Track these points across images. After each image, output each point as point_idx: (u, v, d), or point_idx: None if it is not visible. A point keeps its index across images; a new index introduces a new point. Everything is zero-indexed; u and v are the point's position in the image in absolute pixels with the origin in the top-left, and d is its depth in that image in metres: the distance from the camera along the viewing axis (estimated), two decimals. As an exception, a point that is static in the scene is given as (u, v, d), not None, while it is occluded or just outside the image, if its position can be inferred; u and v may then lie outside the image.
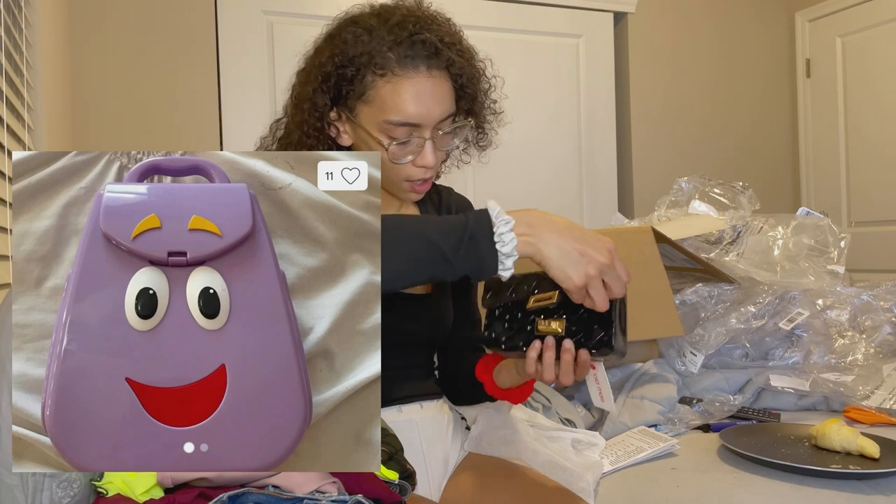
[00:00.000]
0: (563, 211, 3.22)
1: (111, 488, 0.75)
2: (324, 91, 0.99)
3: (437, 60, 0.98)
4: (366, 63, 0.96)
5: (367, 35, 0.97)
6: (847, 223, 3.49)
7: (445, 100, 1.00)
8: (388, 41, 0.96)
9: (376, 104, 0.97)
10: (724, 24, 3.56)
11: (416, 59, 0.96)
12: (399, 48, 0.96)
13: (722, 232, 1.90)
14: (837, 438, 1.18)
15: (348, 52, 0.97)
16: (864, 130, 3.41)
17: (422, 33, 0.97)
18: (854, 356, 1.61)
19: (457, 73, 1.01)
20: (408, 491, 0.88)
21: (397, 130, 0.97)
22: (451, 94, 1.01)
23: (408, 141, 0.98)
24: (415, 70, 0.96)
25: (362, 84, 0.97)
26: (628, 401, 1.49)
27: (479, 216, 0.83)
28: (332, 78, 0.98)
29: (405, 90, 0.96)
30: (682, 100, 3.48)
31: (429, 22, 1.00)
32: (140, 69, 2.59)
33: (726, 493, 1.10)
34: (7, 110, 1.29)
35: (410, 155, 1.00)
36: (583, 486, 1.05)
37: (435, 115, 0.98)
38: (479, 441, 1.12)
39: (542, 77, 3.19)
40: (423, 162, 1.00)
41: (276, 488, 0.74)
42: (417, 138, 0.99)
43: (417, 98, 0.96)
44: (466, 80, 1.03)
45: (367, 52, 0.96)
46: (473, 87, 1.05)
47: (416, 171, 1.01)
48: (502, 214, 0.82)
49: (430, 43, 0.97)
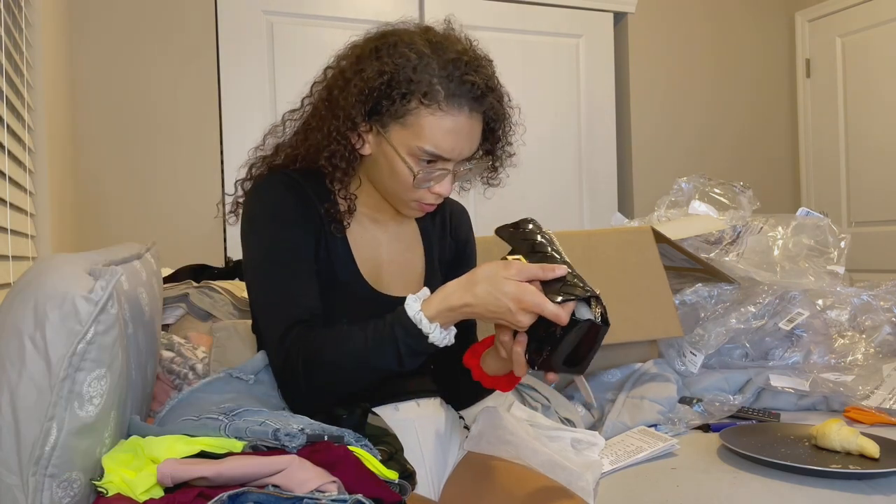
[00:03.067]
0: (563, 211, 3.24)
1: (111, 488, 0.74)
2: (363, 103, 1.01)
3: (480, 105, 1.01)
4: (414, 90, 0.98)
5: (420, 62, 0.99)
6: (847, 223, 3.49)
7: (476, 140, 1.04)
8: (439, 75, 0.99)
9: (413, 129, 0.99)
10: (723, 25, 3.56)
11: (462, 98, 0.99)
12: (449, 84, 0.99)
13: (722, 232, 1.90)
14: (837, 438, 1.18)
15: (398, 74, 0.99)
16: (864, 130, 3.41)
17: (472, 75, 1.00)
18: (854, 356, 1.61)
19: (491, 117, 1.05)
20: (407, 490, 0.88)
21: (426, 157, 1.00)
22: (479, 135, 1.05)
23: (432, 171, 1.02)
24: (459, 109, 0.99)
25: (405, 107, 0.99)
26: (628, 401, 1.49)
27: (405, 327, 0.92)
28: (376, 93, 1.00)
29: (446, 125, 0.99)
30: (682, 100, 3.48)
31: (477, 64, 1.03)
32: (140, 69, 2.60)
33: (726, 493, 1.10)
34: (7, 110, 1.29)
35: (432, 182, 1.03)
36: (582, 486, 1.05)
37: (465, 154, 1.03)
38: (479, 440, 1.12)
39: (542, 77, 3.19)
40: (440, 190, 1.04)
41: (275, 487, 0.74)
42: (441, 169, 1.02)
43: (455, 135, 1.00)
44: (496, 124, 1.07)
45: (418, 80, 0.98)
46: (498, 133, 1.09)
47: (430, 196, 1.05)
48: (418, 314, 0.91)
49: (478, 86, 1.00)
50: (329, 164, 1.04)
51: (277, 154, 1.13)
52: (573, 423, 1.39)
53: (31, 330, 0.71)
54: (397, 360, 0.94)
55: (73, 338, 0.71)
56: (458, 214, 1.25)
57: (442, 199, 1.07)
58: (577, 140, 3.28)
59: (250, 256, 1.05)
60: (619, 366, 1.62)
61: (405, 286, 1.12)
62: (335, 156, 1.04)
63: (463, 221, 1.25)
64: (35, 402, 0.70)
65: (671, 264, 1.82)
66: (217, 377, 1.02)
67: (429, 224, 1.20)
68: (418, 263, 1.16)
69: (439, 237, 1.20)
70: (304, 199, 1.05)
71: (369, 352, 0.94)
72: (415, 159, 1.01)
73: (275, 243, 1.03)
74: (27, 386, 0.70)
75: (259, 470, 0.75)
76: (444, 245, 1.21)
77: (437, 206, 1.10)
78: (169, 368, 1.37)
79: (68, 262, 0.78)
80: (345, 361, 0.95)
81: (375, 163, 1.05)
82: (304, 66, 2.63)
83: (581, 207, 3.29)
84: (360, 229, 1.11)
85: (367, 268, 1.09)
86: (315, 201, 1.06)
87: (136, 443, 0.80)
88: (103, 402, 0.75)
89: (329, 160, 1.04)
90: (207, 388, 0.99)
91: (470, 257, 1.24)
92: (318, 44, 2.78)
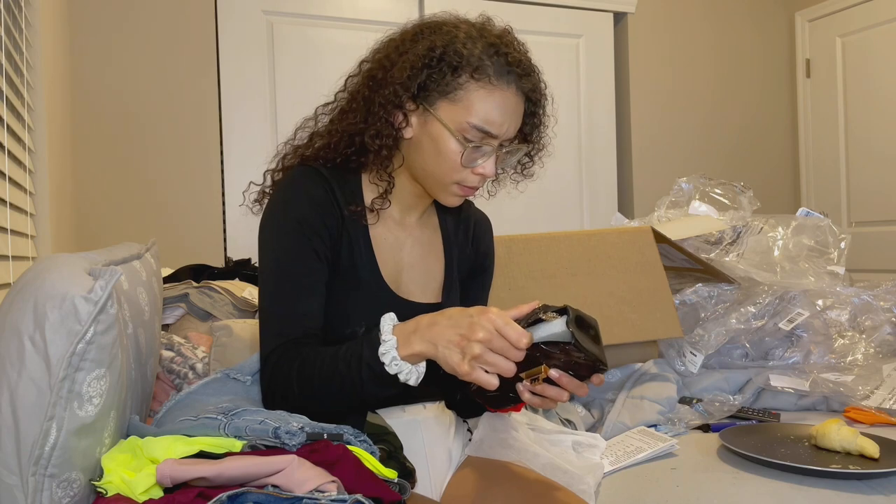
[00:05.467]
0: (563, 211, 3.24)
1: (111, 488, 0.74)
2: (412, 78, 1.00)
3: (526, 83, 1.03)
4: (465, 64, 0.99)
5: (469, 40, 1.00)
6: (847, 223, 3.49)
7: (519, 120, 1.05)
8: (489, 51, 1.00)
9: (462, 105, 0.99)
10: (723, 25, 3.56)
11: (510, 74, 1.00)
12: (498, 59, 1.00)
13: (722, 232, 1.90)
14: (837, 438, 1.18)
15: (449, 48, 0.99)
16: (864, 130, 3.41)
17: (516, 53, 1.02)
18: (854, 356, 1.61)
19: (534, 99, 1.06)
20: (407, 490, 0.88)
21: (474, 135, 1.00)
22: (522, 115, 1.06)
23: (479, 147, 1.01)
24: (507, 84, 1.00)
25: (455, 82, 0.99)
26: (628, 401, 1.48)
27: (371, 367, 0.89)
28: (426, 69, 1.00)
29: (496, 99, 0.99)
30: (682, 100, 3.48)
31: (521, 46, 1.05)
32: (140, 69, 2.60)
33: (726, 493, 1.09)
34: (7, 110, 1.29)
35: (478, 161, 1.03)
36: (583, 489, 1.06)
37: (511, 131, 1.03)
38: (481, 445, 1.12)
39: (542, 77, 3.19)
40: (485, 170, 1.03)
41: (275, 488, 0.74)
42: (487, 147, 1.02)
43: (504, 110, 1.00)
44: (536, 108, 1.08)
45: (468, 55, 0.99)
46: (538, 118, 1.10)
47: (472, 178, 1.04)
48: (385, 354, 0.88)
49: (524, 64, 1.02)
50: (374, 144, 1.03)
51: (311, 143, 1.12)
52: (573, 424, 1.39)
53: (30, 330, 0.71)
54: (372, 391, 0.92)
55: (72, 338, 0.71)
56: (482, 224, 1.24)
57: (484, 182, 1.06)
58: (578, 140, 3.28)
59: (262, 263, 1.04)
60: (619, 366, 1.62)
61: (424, 291, 1.12)
62: (380, 134, 1.03)
63: (486, 232, 1.24)
64: (35, 402, 0.70)
65: (671, 264, 1.82)
66: (214, 377, 1.02)
67: (452, 231, 1.19)
68: (438, 270, 1.15)
69: (461, 245, 1.20)
70: (329, 199, 1.04)
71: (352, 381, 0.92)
72: (463, 136, 1.00)
73: (285, 255, 1.01)
74: (27, 386, 0.70)
75: (258, 470, 0.75)
76: (465, 254, 1.20)
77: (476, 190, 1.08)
78: (169, 368, 1.38)
79: (68, 262, 0.78)
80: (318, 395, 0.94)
81: (418, 146, 1.04)
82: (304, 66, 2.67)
83: (581, 207, 3.29)
84: (385, 230, 1.10)
85: (389, 270, 1.08)
86: (341, 201, 1.04)
87: (135, 443, 0.80)
88: (103, 402, 0.75)
89: (374, 139, 1.03)
90: (204, 389, 0.99)
91: (488, 269, 1.24)
92: (318, 44, 2.77)
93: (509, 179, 1.18)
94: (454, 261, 1.17)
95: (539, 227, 3.00)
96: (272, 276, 1.01)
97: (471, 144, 1.00)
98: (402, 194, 1.10)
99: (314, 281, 1.01)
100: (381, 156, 1.04)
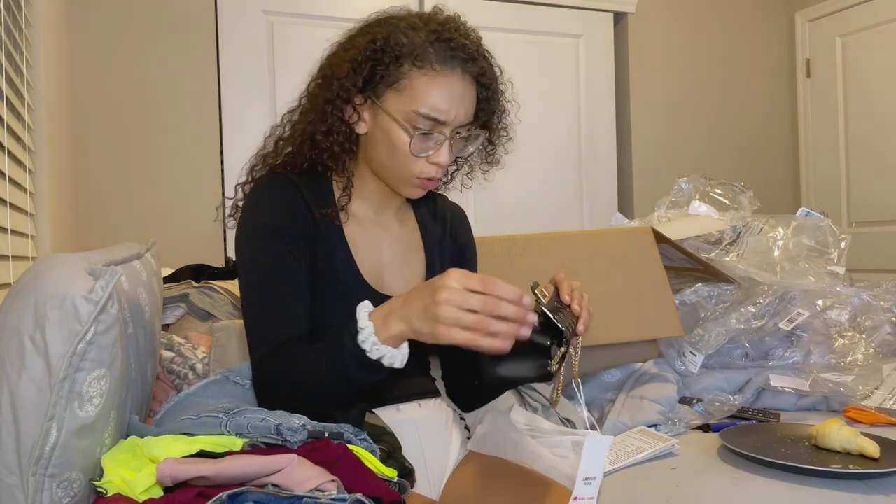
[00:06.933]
0: (563, 211, 3.24)
1: (111, 488, 0.74)
2: (355, 71, 1.01)
3: (472, 66, 1.02)
4: (406, 53, 0.99)
5: (411, 30, 1.01)
6: (847, 223, 3.49)
7: (470, 105, 1.04)
8: (430, 38, 1.00)
9: (407, 94, 1.00)
10: (724, 24, 3.56)
11: (454, 59, 1.00)
12: (440, 45, 1.00)
13: (722, 232, 1.90)
14: (837, 438, 1.18)
15: (389, 39, 1.00)
16: (865, 130, 3.41)
17: (461, 38, 1.01)
18: (854, 356, 1.61)
19: (485, 83, 1.05)
20: (406, 489, 0.88)
21: (422, 123, 1.00)
22: (474, 102, 1.05)
23: (430, 135, 1.01)
24: (451, 69, 1.00)
25: (398, 72, 0.99)
26: (628, 401, 1.49)
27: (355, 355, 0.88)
28: (369, 62, 1.00)
29: (440, 86, 0.99)
30: (681, 100, 3.48)
31: (468, 31, 1.05)
32: (140, 69, 2.59)
33: (726, 493, 1.10)
34: (7, 110, 1.29)
35: (430, 150, 1.02)
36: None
37: (460, 117, 1.02)
38: (483, 441, 1.12)
39: (542, 77, 3.19)
40: (438, 159, 1.03)
41: (275, 487, 0.74)
42: (438, 135, 1.02)
43: (450, 96, 1.00)
44: (490, 93, 1.07)
45: (409, 43, 0.99)
46: (493, 103, 1.09)
47: (429, 168, 1.04)
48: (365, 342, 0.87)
49: (469, 49, 1.01)
50: (326, 141, 1.03)
51: (277, 151, 1.13)
52: (573, 424, 1.39)
53: (30, 330, 0.71)
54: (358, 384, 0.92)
55: (73, 338, 0.71)
56: (457, 216, 1.25)
57: (441, 172, 1.05)
58: (577, 140, 3.28)
59: (240, 272, 1.04)
60: (619, 366, 1.62)
61: (407, 288, 1.11)
62: (331, 131, 1.03)
63: (462, 224, 1.25)
64: (35, 402, 0.70)
65: (671, 264, 1.82)
66: (214, 379, 1.02)
67: (429, 226, 1.20)
68: (420, 265, 1.16)
69: (439, 239, 1.20)
70: (299, 203, 1.04)
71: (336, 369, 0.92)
72: (411, 125, 1.00)
73: (262, 261, 1.01)
74: (27, 386, 0.70)
75: (258, 469, 0.75)
76: (445, 247, 1.21)
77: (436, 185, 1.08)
78: (169, 368, 1.38)
79: (68, 262, 0.78)
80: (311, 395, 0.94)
81: (373, 140, 1.04)
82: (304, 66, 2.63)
83: (581, 207, 3.29)
84: (361, 230, 1.10)
85: (369, 269, 1.08)
86: (312, 205, 1.05)
87: (134, 443, 0.80)
88: (103, 402, 0.75)
89: (326, 136, 1.03)
90: (204, 391, 0.98)
91: (469, 260, 1.24)
92: (318, 44, 2.73)
93: (478, 168, 1.17)
94: (435, 255, 1.18)
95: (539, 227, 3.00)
96: (254, 286, 1.02)
97: (417, 132, 1.00)
98: (370, 192, 1.11)
99: (295, 285, 1.01)
100: (334, 153, 1.04)
